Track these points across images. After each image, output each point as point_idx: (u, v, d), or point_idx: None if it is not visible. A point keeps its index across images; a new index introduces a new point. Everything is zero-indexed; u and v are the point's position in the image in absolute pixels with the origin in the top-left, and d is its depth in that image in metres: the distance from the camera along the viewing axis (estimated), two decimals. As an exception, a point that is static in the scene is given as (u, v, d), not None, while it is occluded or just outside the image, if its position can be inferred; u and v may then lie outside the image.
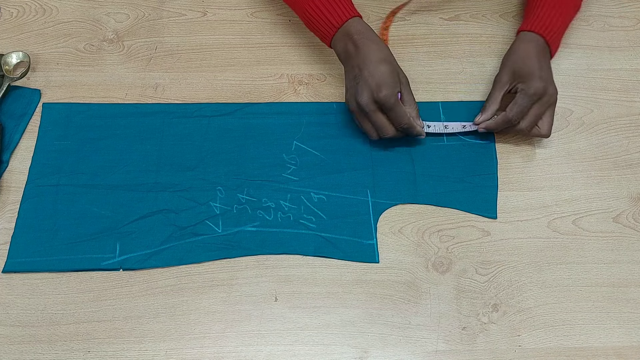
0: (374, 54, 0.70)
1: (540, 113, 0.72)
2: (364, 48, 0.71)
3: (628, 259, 0.70)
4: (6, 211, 0.70)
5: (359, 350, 0.64)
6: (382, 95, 0.69)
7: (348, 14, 0.73)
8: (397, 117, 0.70)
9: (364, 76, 0.70)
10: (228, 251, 0.69)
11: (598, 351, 0.65)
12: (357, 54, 0.71)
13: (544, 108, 0.72)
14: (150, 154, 0.75)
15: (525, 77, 0.72)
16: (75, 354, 0.63)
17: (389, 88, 0.69)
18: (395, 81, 0.70)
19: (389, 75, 0.70)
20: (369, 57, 0.70)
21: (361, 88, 0.70)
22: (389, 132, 0.72)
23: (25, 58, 0.81)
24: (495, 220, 0.72)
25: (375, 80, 0.69)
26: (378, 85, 0.69)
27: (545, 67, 0.73)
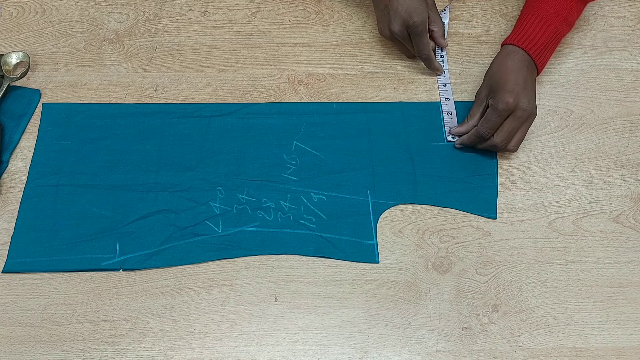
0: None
1: (514, 128, 0.71)
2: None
3: (628, 259, 0.70)
4: (6, 211, 0.70)
5: (359, 351, 0.64)
6: (412, 22, 0.76)
7: None
8: (421, 45, 0.78)
9: (394, 6, 0.76)
10: (228, 251, 0.69)
11: (598, 351, 0.65)
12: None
13: (517, 123, 0.71)
14: (150, 154, 0.75)
15: (496, 91, 0.72)
16: (75, 354, 0.63)
17: (419, 15, 0.76)
18: (423, 7, 0.76)
19: (419, 2, 0.76)
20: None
21: (393, 17, 0.77)
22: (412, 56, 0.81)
23: (25, 58, 0.80)
24: (495, 221, 0.72)
25: (407, 8, 0.76)
26: (409, 13, 0.76)
27: (520, 80, 0.72)
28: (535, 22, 0.75)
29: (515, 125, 0.72)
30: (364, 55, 0.84)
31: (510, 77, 0.72)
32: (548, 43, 0.76)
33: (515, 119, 0.71)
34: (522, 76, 0.72)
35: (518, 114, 0.71)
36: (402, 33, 0.77)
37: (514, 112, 0.71)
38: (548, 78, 0.83)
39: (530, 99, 0.72)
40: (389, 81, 0.82)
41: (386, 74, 0.83)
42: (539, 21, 0.75)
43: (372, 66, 0.83)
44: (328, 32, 0.86)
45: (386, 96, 0.80)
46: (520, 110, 0.71)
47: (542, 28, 0.75)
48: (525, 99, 0.71)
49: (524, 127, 0.73)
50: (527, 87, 0.72)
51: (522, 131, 0.73)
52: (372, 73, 0.82)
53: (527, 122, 0.73)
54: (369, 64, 0.83)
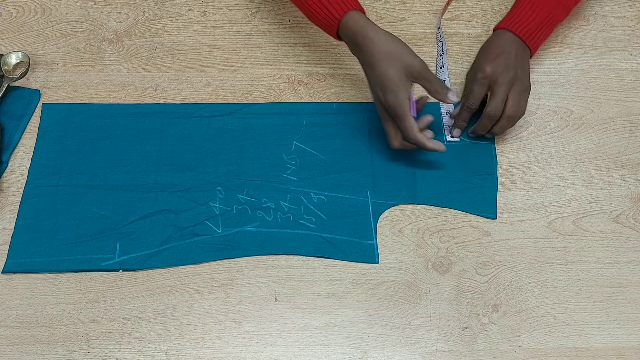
0: (377, 51, 0.67)
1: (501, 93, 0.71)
2: (366, 45, 0.67)
3: (628, 259, 0.70)
4: (6, 212, 0.70)
5: (359, 351, 0.64)
6: (388, 102, 0.67)
7: (345, 7, 0.68)
8: (402, 129, 0.69)
9: (370, 81, 0.70)
10: (228, 252, 0.69)
11: (598, 351, 0.65)
12: (361, 52, 0.69)
13: (504, 87, 0.71)
14: (150, 154, 0.75)
15: (476, 65, 0.74)
16: (75, 354, 0.63)
17: (393, 94, 0.66)
18: (401, 82, 0.66)
19: (395, 75, 0.66)
20: (372, 56, 0.67)
21: (372, 91, 0.70)
22: (394, 144, 0.71)
23: (25, 58, 0.80)
24: (495, 221, 0.72)
25: (380, 84, 0.67)
26: (383, 90, 0.67)
27: (501, 53, 0.72)
28: (527, 6, 0.75)
29: (502, 90, 0.71)
30: (364, 55, 0.84)
31: (490, 51, 0.73)
32: (540, 25, 0.75)
33: (499, 84, 0.71)
34: (506, 51, 0.73)
35: (500, 79, 0.71)
36: (380, 114, 0.69)
37: (497, 80, 0.71)
38: (548, 78, 0.83)
39: (511, 64, 0.72)
40: (389, 81, 0.82)
41: (386, 74, 0.82)
42: (532, 5, 0.75)
43: (372, 66, 0.83)
44: (328, 32, 0.86)
45: (386, 96, 0.80)
46: (502, 76, 0.71)
47: (535, 11, 0.75)
48: (505, 66, 0.71)
49: (514, 92, 0.72)
50: (510, 58, 0.72)
51: (513, 96, 0.71)
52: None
53: (515, 88, 0.72)
54: (368, 64, 0.83)
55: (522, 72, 0.73)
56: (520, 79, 0.73)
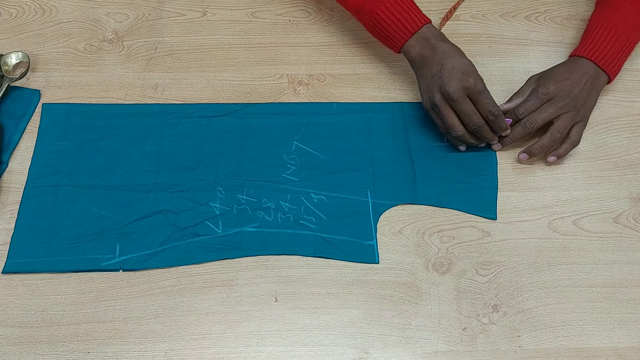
0: (456, 51, 0.72)
1: (548, 112, 0.72)
2: (442, 47, 0.72)
3: (628, 259, 0.70)
4: (6, 212, 0.70)
5: (359, 351, 0.64)
6: (471, 80, 0.70)
7: (423, 20, 0.74)
8: (486, 102, 0.70)
9: (448, 68, 0.71)
10: (228, 252, 0.69)
11: (598, 352, 0.65)
12: (435, 53, 0.72)
13: (552, 109, 0.72)
14: (150, 154, 0.74)
15: (544, 78, 0.74)
16: (75, 354, 0.63)
17: (476, 75, 0.70)
18: (478, 72, 0.71)
19: (472, 66, 0.71)
20: (449, 52, 0.72)
21: (448, 78, 0.70)
22: (478, 120, 0.71)
23: (25, 58, 0.80)
24: (495, 221, 0.72)
25: (460, 69, 0.70)
26: (465, 73, 0.70)
27: (572, 79, 0.73)
28: (604, 34, 0.75)
29: (550, 110, 0.72)
30: (364, 55, 0.84)
31: (562, 72, 0.74)
32: (619, 52, 0.75)
33: (551, 104, 0.72)
34: (576, 76, 0.73)
35: (557, 101, 0.72)
36: (457, 94, 0.69)
37: (552, 99, 0.72)
38: (548, 78, 0.83)
39: (573, 93, 0.72)
40: (389, 81, 0.82)
41: (386, 74, 0.82)
42: (608, 32, 0.75)
43: (372, 66, 0.83)
44: (328, 32, 0.86)
45: (386, 96, 0.80)
46: (560, 97, 0.72)
47: (613, 38, 0.74)
48: (567, 92, 0.72)
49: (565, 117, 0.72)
50: (578, 86, 0.73)
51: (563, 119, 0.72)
52: (372, 73, 0.82)
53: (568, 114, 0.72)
54: (368, 64, 0.83)
55: (585, 104, 0.73)
56: (578, 109, 0.73)
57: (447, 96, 0.70)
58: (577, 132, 0.73)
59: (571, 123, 0.73)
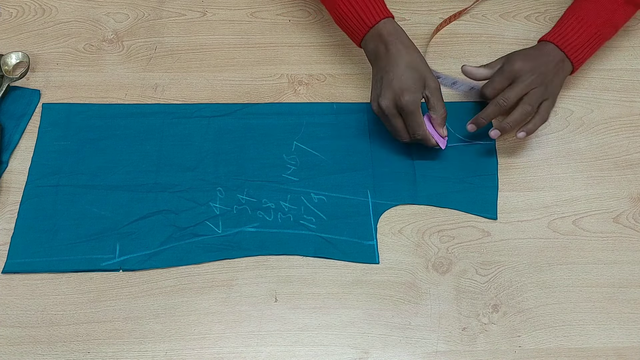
0: (403, 58, 0.70)
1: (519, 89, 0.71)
2: (393, 50, 0.70)
3: (628, 259, 0.70)
4: (6, 212, 0.70)
5: (359, 351, 0.64)
6: (404, 100, 0.69)
7: (381, 14, 0.72)
8: (413, 125, 0.70)
9: (389, 78, 0.70)
10: (228, 252, 0.69)
11: (598, 352, 0.65)
12: (386, 55, 0.71)
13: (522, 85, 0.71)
14: (150, 154, 0.74)
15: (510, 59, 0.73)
16: (75, 354, 0.63)
17: (411, 94, 0.69)
18: (418, 87, 0.70)
19: (414, 81, 0.69)
20: (397, 60, 0.70)
21: (384, 90, 0.70)
22: (404, 138, 0.72)
23: (25, 58, 0.80)
24: (495, 221, 0.72)
25: (399, 84, 0.69)
26: (401, 90, 0.69)
27: (538, 60, 0.72)
28: (574, 22, 0.74)
29: (521, 85, 0.71)
30: (364, 55, 0.83)
31: (529, 52, 0.73)
32: (587, 42, 0.75)
33: (521, 80, 0.71)
34: (543, 59, 0.72)
35: (524, 76, 0.71)
36: (389, 110, 0.70)
37: (520, 76, 0.71)
38: (548, 78, 0.83)
39: (541, 72, 0.71)
40: (389, 81, 0.82)
41: (386, 74, 0.82)
42: (579, 21, 0.74)
43: (372, 66, 0.83)
44: (328, 32, 0.86)
45: (386, 96, 0.80)
46: (527, 75, 0.71)
47: (582, 28, 0.74)
48: (534, 68, 0.71)
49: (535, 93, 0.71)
50: (543, 65, 0.72)
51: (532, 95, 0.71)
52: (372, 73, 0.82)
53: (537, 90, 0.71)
54: (368, 64, 0.83)
55: (552, 82, 0.72)
56: (546, 85, 0.72)
57: (381, 108, 0.71)
58: (545, 109, 0.72)
59: (541, 98, 0.72)
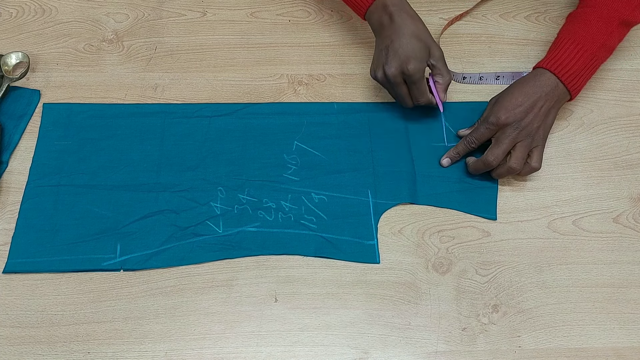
0: (408, 27, 0.71)
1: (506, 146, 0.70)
2: (398, 20, 0.72)
3: (628, 259, 0.70)
4: (6, 212, 0.70)
5: (359, 351, 0.64)
6: (409, 67, 0.70)
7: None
8: (418, 93, 0.73)
9: (394, 47, 0.71)
10: (229, 252, 0.69)
11: (598, 352, 0.65)
12: (391, 25, 0.72)
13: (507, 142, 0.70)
14: (151, 154, 0.74)
15: (497, 105, 0.72)
16: (75, 355, 0.63)
17: (416, 62, 0.70)
18: (424, 56, 0.71)
19: (419, 49, 0.71)
20: (402, 29, 0.71)
21: (390, 58, 0.71)
22: (408, 104, 0.74)
23: (25, 58, 0.80)
24: (495, 221, 0.72)
25: (404, 52, 0.70)
26: (407, 58, 0.70)
27: (526, 103, 0.70)
28: (570, 47, 0.72)
29: (505, 141, 0.70)
30: (364, 55, 0.84)
31: (516, 97, 0.71)
32: (583, 69, 0.72)
33: (506, 136, 0.70)
34: (532, 99, 0.71)
35: (508, 131, 0.70)
36: (394, 78, 0.71)
37: (505, 130, 0.70)
38: (548, 78, 0.83)
39: (527, 122, 0.70)
40: (389, 81, 0.82)
41: (386, 74, 0.82)
42: (575, 47, 0.72)
43: (372, 66, 0.83)
44: (328, 32, 0.86)
45: (386, 96, 0.80)
46: (511, 128, 0.70)
47: (578, 54, 0.72)
48: (520, 119, 0.70)
49: (521, 146, 0.70)
50: (532, 111, 0.70)
51: (519, 150, 0.70)
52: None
53: (522, 142, 0.70)
54: (368, 64, 0.83)
55: (538, 129, 0.71)
56: (532, 136, 0.71)
57: (386, 76, 0.72)
58: (536, 158, 0.71)
59: (527, 151, 0.71)
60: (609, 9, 0.73)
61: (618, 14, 0.73)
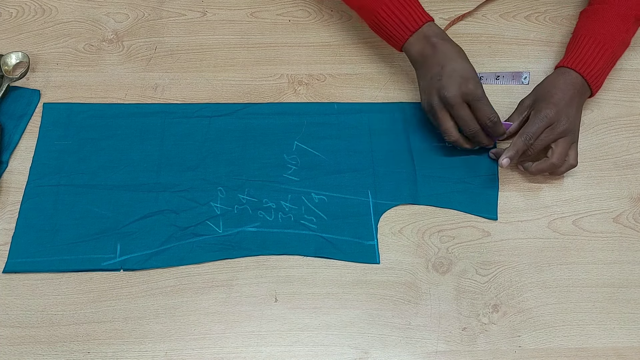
0: (456, 52, 0.72)
1: (549, 139, 0.71)
2: (443, 48, 0.71)
3: (628, 259, 0.70)
4: (6, 212, 0.70)
5: (359, 351, 0.64)
6: (470, 86, 0.69)
7: (424, 19, 0.73)
8: (485, 109, 0.70)
9: (448, 71, 0.70)
10: (228, 252, 0.69)
11: (598, 352, 0.65)
12: (435, 53, 0.71)
13: (552, 135, 0.71)
14: (151, 154, 0.74)
15: (540, 102, 0.72)
16: (75, 354, 0.63)
17: (475, 81, 0.70)
18: (478, 77, 0.71)
19: (473, 71, 0.71)
20: (450, 54, 0.71)
21: (447, 82, 0.70)
22: (475, 127, 0.71)
23: (25, 58, 0.80)
24: (495, 221, 0.72)
25: (460, 74, 0.70)
26: (465, 79, 0.69)
27: (566, 98, 0.72)
28: (592, 46, 0.74)
29: (550, 137, 0.71)
30: (364, 55, 0.84)
31: (557, 93, 0.72)
32: (605, 66, 0.74)
33: (552, 130, 0.71)
34: (569, 95, 0.72)
35: (556, 126, 0.71)
36: (454, 99, 0.69)
37: (552, 124, 0.71)
38: (548, 78, 0.83)
39: (570, 117, 0.71)
40: (389, 81, 0.82)
41: (386, 74, 0.82)
42: (596, 45, 0.74)
43: (372, 66, 0.83)
44: (328, 32, 0.86)
45: (386, 96, 0.80)
46: (559, 123, 0.71)
47: (600, 52, 0.73)
48: (565, 116, 0.71)
49: (563, 142, 0.71)
50: (572, 106, 0.72)
51: (562, 145, 0.71)
52: (372, 73, 0.82)
53: (565, 138, 0.71)
54: (368, 64, 0.83)
55: (575, 122, 0.72)
56: (570, 130, 0.72)
57: (444, 100, 0.70)
58: (574, 155, 0.72)
59: (569, 147, 0.72)
60: (625, 6, 0.75)
61: (634, 11, 0.75)
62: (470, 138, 0.73)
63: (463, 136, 0.73)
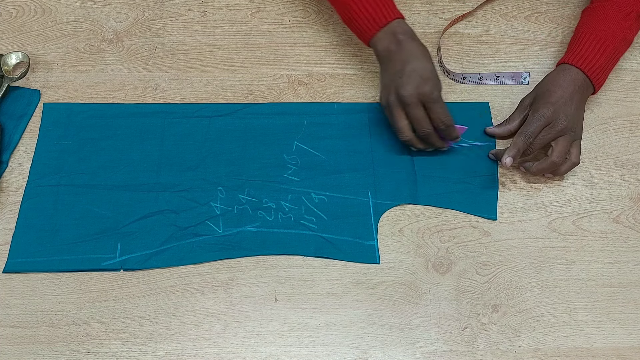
0: (420, 51, 0.71)
1: (547, 137, 0.71)
2: (408, 46, 0.71)
3: (628, 259, 0.70)
4: (6, 212, 0.70)
5: (359, 351, 0.64)
6: (427, 88, 0.69)
7: (393, 15, 0.73)
8: (439, 112, 0.70)
9: (408, 70, 0.70)
10: (228, 252, 0.69)
11: (598, 352, 0.65)
12: (400, 50, 0.71)
13: (551, 134, 0.71)
14: (151, 154, 0.75)
15: (539, 101, 0.73)
16: (75, 354, 0.63)
17: (434, 83, 0.70)
18: (438, 79, 0.71)
19: (434, 72, 0.71)
20: (414, 53, 0.71)
21: (405, 81, 0.69)
22: (427, 128, 0.71)
23: (25, 58, 0.80)
24: (495, 221, 0.72)
25: (420, 74, 0.69)
26: (424, 79, 0.69)
27: (565, 96, 0.72)
28: (593, 43, 0.74)
29: (548, 135, 0.71)
30: (364, 55, 0.84)
31: (556, 91, 0.72)
32: (607, 63, 0.74)
33: (550, 129, 0.71)
34: (568, 92, 0.72)
35: (554, 125, 0.71)
36: (410, 99, 0.69)
37: (551, 123, 0.71)
38: (548, 78, 0.83)
39: (569, 114, 0.71)
40: (389, 81, 0.82)
41: (386, 74, 0.82)
42: (597, 41, 0.74)
43: (372, 66, 0.83)
44: (328, 32, 0.86)
45: (386, 96, 0.80)
46: (557, 122, 0.71)
47: (601, 49, 0.74)
48: (564, 115, 0.71)
49: (563, 140, 0.71)
50: (572, 104, 0.72)
51: (562, 144, 0.71)
52: (372, 73, 0.82)
53: (566, 136, 0.71)
54: (368, 64, 0.83)
55: (575, 119, 0.72)
56: (574, 129, 0.72)
57: (401, 99, 0.70)
58: (576, 153, 0.72)
59: (569, 144, 0.72)
60: (627, 3, 0.75)
61: (635, 8, 0.75)
62: (422, 139, 0.73)
63: (416, 136, 0.72)
